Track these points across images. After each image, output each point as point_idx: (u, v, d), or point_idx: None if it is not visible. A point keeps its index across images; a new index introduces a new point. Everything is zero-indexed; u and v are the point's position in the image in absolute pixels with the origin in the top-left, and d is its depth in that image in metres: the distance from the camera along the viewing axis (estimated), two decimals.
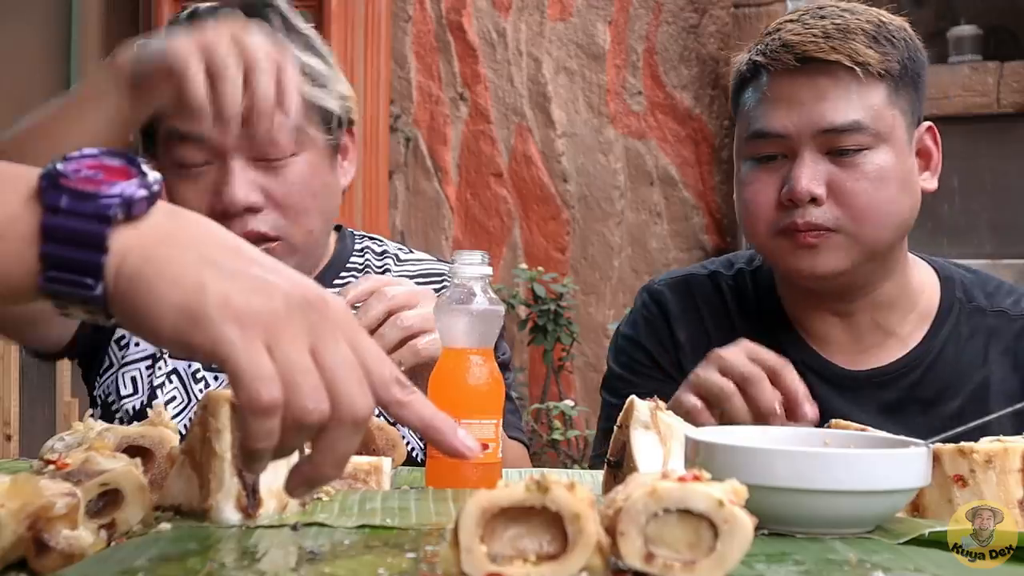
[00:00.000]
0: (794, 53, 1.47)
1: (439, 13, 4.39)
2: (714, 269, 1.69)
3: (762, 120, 1.50)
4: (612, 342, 1.73)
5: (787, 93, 1.48)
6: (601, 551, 0.76)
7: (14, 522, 0.80)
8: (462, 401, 1.18)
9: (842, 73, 1.46)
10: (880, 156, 1.47)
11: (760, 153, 1.51)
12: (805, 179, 1.45)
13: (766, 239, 1.51)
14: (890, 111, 1.48)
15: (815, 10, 1.52)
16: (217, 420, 0.96)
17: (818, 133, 1.46)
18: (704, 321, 1.64)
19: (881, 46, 1.47)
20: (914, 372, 1.55)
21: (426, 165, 4.40)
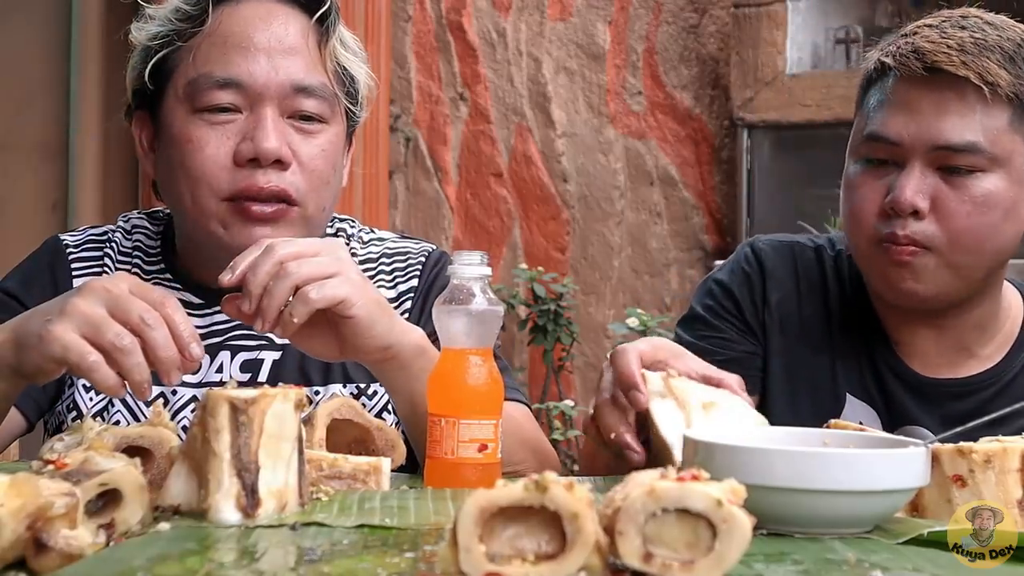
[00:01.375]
0: (923, 61, 1.42)
1: (439, 13, 4.39)
2: (820, 244, 1.66)
3: (879, 123, 1.47)
4: (700, 287, 1.69)
5: (909, 100, 1.44)
6: (600, 550, 0.76)
7: (13, 522, 0.80)
8: (461, 401, 1.18)
9: (969, 90, 1.41)
10: (991, 180, 1.43)
11: (871, 156, 1.48)
12: (910, 191, 1.42)
13: (865, 246, 1.49)
14: (1011, 136, 1.43)
15: (958, 18, 1.47)
16: (216, 420, 0.96)
17: (932, 148, 1.43)
18: (799, 289, 1.62)
19: (1016, 67, 1.42)
20: (989, 389, 1.54)
21: (426, 165, 4.40)
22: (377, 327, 1.25)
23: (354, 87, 1.56)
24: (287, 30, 1.48)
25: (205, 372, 1.51)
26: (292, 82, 1.46)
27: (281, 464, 0.98)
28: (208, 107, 1.46)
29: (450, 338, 1.21)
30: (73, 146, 3.53)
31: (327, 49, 1.51)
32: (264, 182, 1.44)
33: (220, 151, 1.45)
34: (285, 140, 1.46)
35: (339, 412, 1.24)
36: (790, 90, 3.91)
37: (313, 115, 1.48)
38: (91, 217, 3.49)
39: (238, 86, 1.45)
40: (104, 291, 1.17)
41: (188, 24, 1.48)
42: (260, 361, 1.52)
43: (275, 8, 1.50)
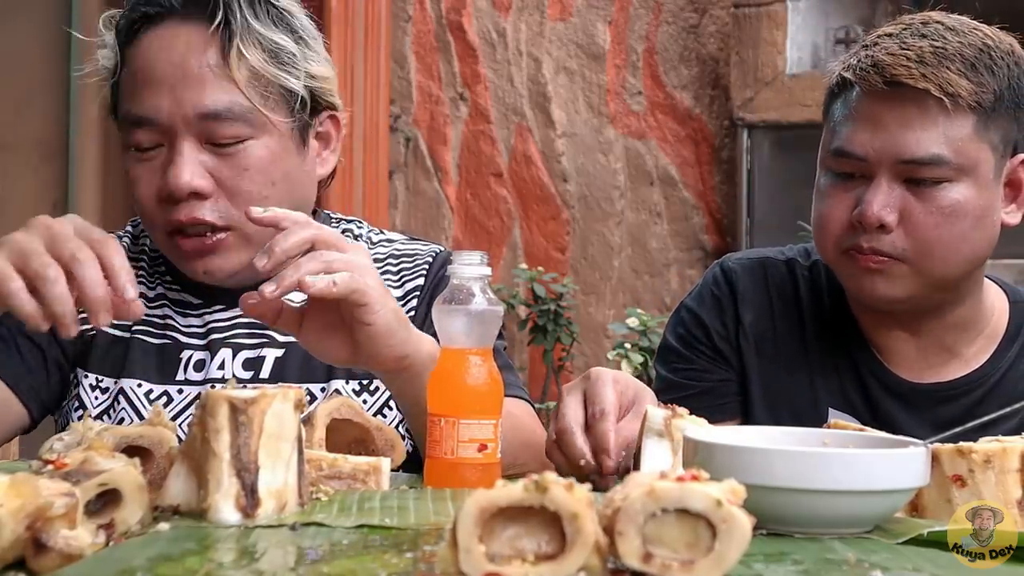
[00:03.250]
0: (883, 75, 1.42)
1: (439, 13, 4.39)
2: (791, 257, 1.65)
3: (844, 138, 1.46)
4: (674, 314, 1.69)
5: (872, 114, 1.44)
6: (599, 551, 0.76)
7: (13, 522, 0.80)
8: (461, 401, 1.18)
9: (930, 102, 1.41)
10: (958, 190, 1.43)
11: (839, 170, 1.48)
12: (877, 205, 1.42)
13: (833, 256, 1.50)
14: (976, 144, 1.43)
15: (919, 25, 1.46)
16: (215, 420, 0.96)
17: (897, 162, 1.43)
18: (773, 307, 1.61)
19: (977, 75, 1.41)
20: (977, 391, 1.54)
21: (426, 165, 4.40)
22: (395, 337, 1.24)
23: (287, 91, 1.48)
24: (186, 54, 1.44)
25: (207, 370, 1.52)
26: (196, 111, 1.42)
27: (281, 464, 0.98)
28: (135, 145, 1.47)
29: (450, 338, 1.21)
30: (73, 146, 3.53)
31: (231, 60, 1.43)
32: (185, 216, 1.44)
33: (151, 187, 1.46)
34: (202, 171, 1.43)
35: (339, 412, 1.24)
36: (790, 90, 3.91)
37: (228, 139, 1.44)
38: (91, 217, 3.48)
39: (149, 122, 1.45)
40: (45, 227, 1.17)
41: (112, 63, 1.50)
42: (262, 359, 1.52)
43: (174, 32, 1.45)
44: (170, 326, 1.55)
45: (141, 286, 1.58)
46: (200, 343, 1.54)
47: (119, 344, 1.54)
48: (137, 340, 1.54)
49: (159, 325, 1.55)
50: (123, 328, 1.54)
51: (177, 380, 1.52)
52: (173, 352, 1.54)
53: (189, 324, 1.55)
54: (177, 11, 1.46)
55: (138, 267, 1.59)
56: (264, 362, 1.52)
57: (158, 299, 1.57)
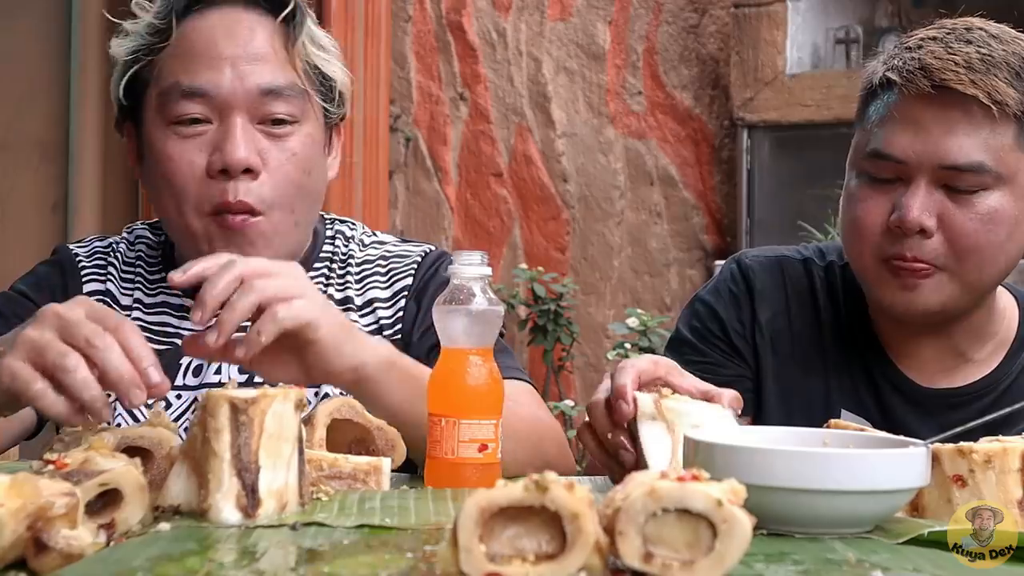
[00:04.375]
0: (931, 79, 1.40)
1: (439, 13, 4.39)
2: (807, 256, 1.63)
3: (884, 141, 1.44)
4: (687, 306, 1.67)
5: (915, 117, 1.42)
6: (600, 551, 0.76)
7: (14, 522, 0.80)
8: (462, 401, 1.18)
9: (975, 108, 1.39)
10: (996, 198, 1.42)
11: (876, 173, 1.46)
12: (917, 210, 1.40)
13: (869, 263, 1.47)
14: (1017, 154, 1.42)
15: (962, 31, 1.45)
16: (216, 420, 0.96)
17: (939, 167, 1.41)
18: (789, 306, 1.60)
19: (1023, 83, 1.40)
20: (988, 396, 1.53)
21: (426, 165, 4.40)
22: (344, 348, 1.23)
23: (327, 84, 1.54)
24: (252, 37, 1.48)
25: (204, 373, 1.52)
26: (259, 87, 1.46)
27: (281, 464, 0.98)
28: (178, 119, 1.46)
29: (450, 338, 1.21)
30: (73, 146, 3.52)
31: (295, 48, 1.49)
32: (233, 196, 1.43)
33: (195, 165, 1.45)
34: (255, 148, 1.45)
35: (339, 412, 1.24)
36: (790, 90, 3.92)
37: (284, 117, 1.47)
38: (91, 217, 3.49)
39: (204, 95, 1.45)
40: (55, 316, 1.14)
41: (157, 38, 1.49)
42: None
43: (239, 16, 1.49)
44: (171, 333, 1.55)
45: (138, 291, 1.58)
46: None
47: None
48: None
49: (160, 332, 1.55)
50: None
51: (175, 385, 1.52)
52: (173, 358, 1.53)
53: (189, 329, 1.54)
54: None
55: (134, 274, 1.59)
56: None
57: (158, 306, 1.57)
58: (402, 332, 1.55)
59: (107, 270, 1.58)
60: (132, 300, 1.57)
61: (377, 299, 1.57)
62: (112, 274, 1.58)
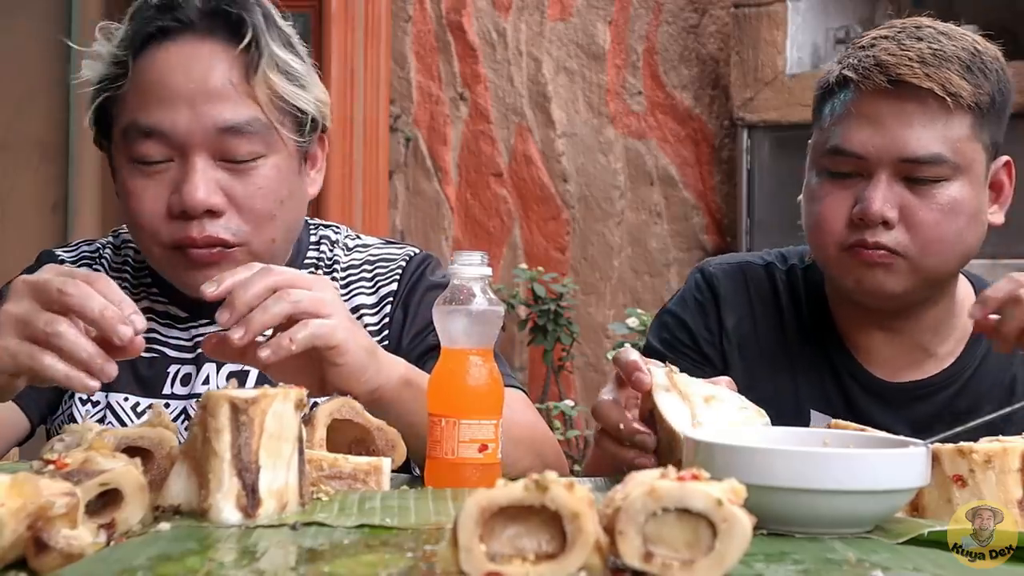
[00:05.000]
0: (887, 74, 1.44)
1: (439, 13, 4.39)
2: (770, 261, 1.67)
3: (843, 137, 1.48)
4: (655, 319, 1.71)
5: (873, 112, 1.46)
6: (600, 550, 0.76)
7: (14, 521, 0.80)
8: (462, 401, 1.18)
9: (931, 101, 1.44)
10: (955, 188, 1.46)
11: (836, 169, 1.50)
12: (879, 202, 1.44)
13: (833, 252, 1.50)
14: (972, 144, 1.46)
15: (912, 29, 1.49)
16: (216, 420, 0.96)
17: (898, 160, 1.45)
18: (754, 311, 1.63)
19: (974, 77, 1.45)
20: (951, 387, 1.56)
21: (426, 165, 4.40)
22: (365, 374, 1.24)
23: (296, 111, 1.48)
24: (208, 72, 1.43)
25: (192, 384, 1.51)
26: (216, 125, 1.41)
27: (281, 464, 0.98)
28: (140, 159, 1.44)
29: (450, 338, 1.21)
30: (73, 146, 3.53)
31: (255, 80, 1.44)
32: (198, 233, 1.41)
33: (157, 203, 1.43)
34: (216, 187, 1.42)
35: (339, 412, 1.24)
36: (790, 90, 3.91)
37: (245, 156, 1.43)
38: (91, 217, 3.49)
39: (162, 135, 1.42)
40: (26, 285, 1.15)
41: (119, 70, 1.46)
42: (246, 372, 1.51)
43: (196, 49, 1.44)
44: (157, 340, 1.54)
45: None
46: (187, 357, 1.53)
47: None
48: None
49: (146, 340, 1.54)
50: None
51: (163, 394, 1.52)
52: (160, 366, 1.53)
53: (176, 337, 1.54)
54: (197, 27, 1.44)
55: (121, 279, 1.57)
56: (248, 375, 1.51)
57: (143, 312, 1.56)
58: (389, 338, 1.54)
59: None
60: None
61: (363, 306, 1.56)
62: None
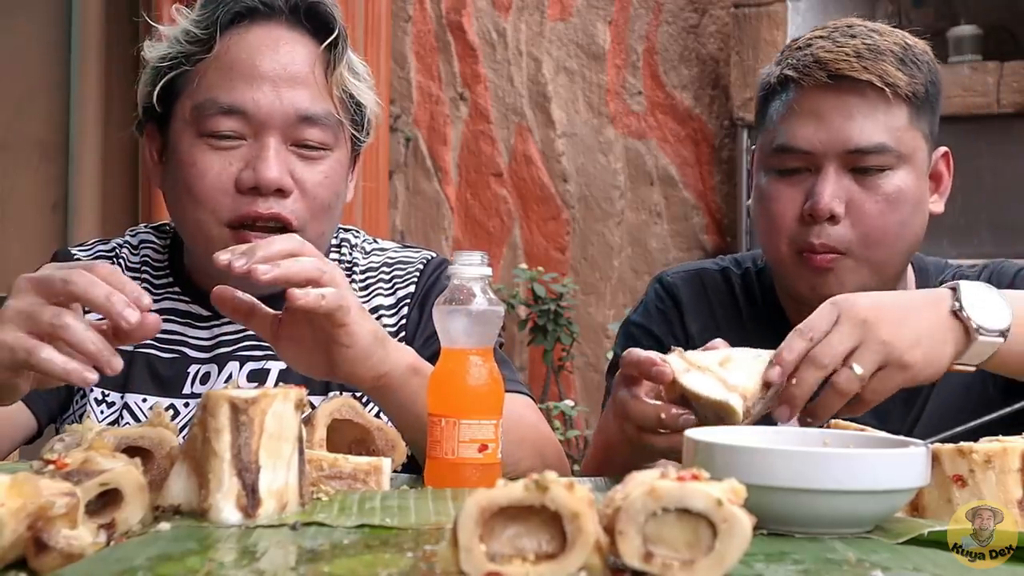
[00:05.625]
0: (827, 70, 1.49)
1: (439, 13, 4.39)
2: (725, 266, 1.71)
3: (789, 134, 1.52)
4: (620, 330, 1.73)
5: (815, 108, 1.50)
6: (600, 550, 0.76)
7: (14, 521, 0.80)
8: (462, 401, 1.18)
9: (871, 93, 1.49)
10: (900, 177, 1.50)
11: (783, 166, 1.53)
12: (828, 196, 1.48)
13: (786, 254, 1.53)
14: (912, 133, 1.51)
15: (845, 28, 1.55)
16: (216, 420, 0.96)
17: (844, 152, 1.49)
18: (716, 316, 1.66)
19: (908, 68, 1.50)
20: None
21: (426, 165, 4.40)
22: (372, 358, 1.25)
23: (360, 113, 1.55)
24: (294, 58, 1.48)
25: (213, 383, 1.52)
26: (297, 111, 1.46)
27: (281, 464, 0.98)
28: (213, 133, 1.46)
29: (450, 338, 1.21)
30: (73, 146, 3.52)
31: (334, 76, 1.50)
32: (264, 208, 1.44)
33: (223, 177, 1.45)
34: (287, 169, 1.46)
35: (339, 412, 1.24)
36: None
37: (316, 144, 1.48)
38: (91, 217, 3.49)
39: (242, 113, 1.45)
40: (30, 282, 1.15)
41: (196, 47, 1.48)
42: (267, 371, 1.53)
43: (283, 35, 1.49)
44: (179, 340, 1.54)
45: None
46: (207, 356, 1.54)
47: (123, 358, 1.53)
48: (142, 354, 1.53)
49: (166, 340, 1.54)
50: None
51: (183, 394, 1.52)
52: (181, 366, 1.53)
53: (197, 337, 1.55)
54: (284, 15, 1.49)
55: (140, 279, 1.58)
56: (269, 374, 1.52)
57: (164, 312, 1.56)
58: (405, 340, 1.56)
59: None
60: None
61: (381, 306, 1.58)
62: None
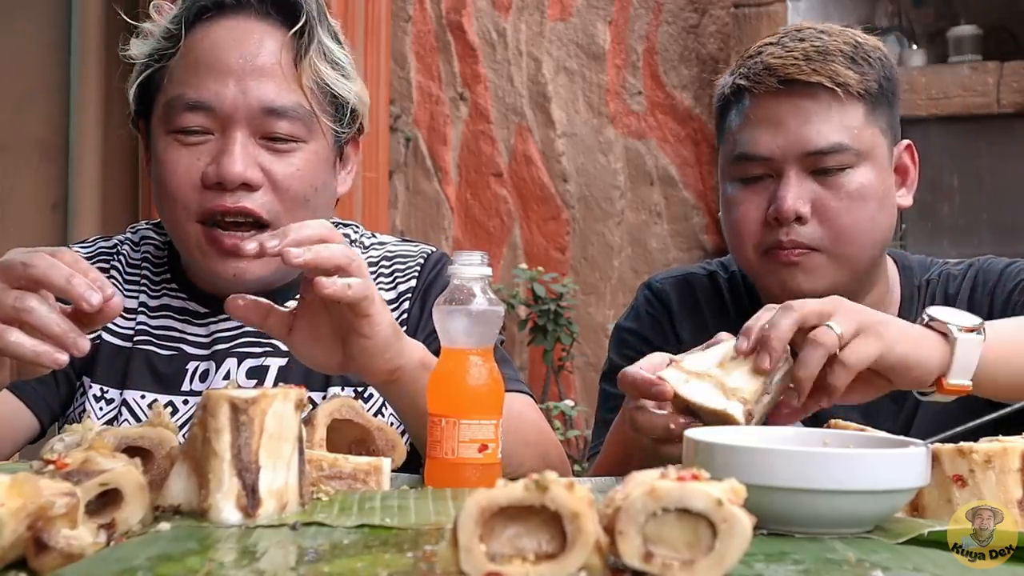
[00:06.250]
0: (776, 76, 1.51)
1: (439, 13, 4.39)
2: (712, 270, 1.73)
3: (747, 143, 1.54)
4: (612, 336, 1.75)
5: (771, 115, 1.52)
6: (600, 550, 0.76)
7: (14, 521, 0.80)
8: (462, 401, 1.18)
9: (823, 94, 1.51)
10: (862, 174, 1.52)
11: (746, 175, 1.55)
12: (791, 198, 1.50)
13: (752, 256, 1.55)
14: (870, 130, 1.53)
15: (793, 32, 1.57)
16: (216, 420, 0.96)
17: (803, 155, 1.51)
18: (706, 319, 1.67)
19: (859, 67, 1.52)
20: None
21: (426, 165, 4.40)
22: (390, 351, 1.25)
23: (337, 103, 1.52)
24: (259, 49, 1.46)
25: (212, 380, 1.52)
26: (262, 104, 1.44)
27: (281, 464, 0.98)
28: (181, 129, 1.45)
29: (450, 338, 1.21)
30: (73, 146, 3.52)
31: (303, 65, 1.47)
32: (232, 202, 1.43)
33: (191, 172, 1.45)
34: (254, 162, 1.44)
35: (339, 412, 1.24)
36: None
37: (285, 136, 1.46)
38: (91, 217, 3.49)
39: (207, 109, 1.44)
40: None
41: (169, 44, 1.48)
42: (266, 368, 1.52)
43: (249, 26, 1.47)
44: (176, 337, 1.54)
45: (143, 295, 1.58)
46: (205, 353, 1.54)
47: (121, 355, 1.54)
48: (140, 351, 1.53)
49: (164, 336, 1.54)
50: (126, 339, 1.54)
51: (182, 391, 1.52)
52: (179, 363, 1.53)
53: (195, 334, 1.55)
54: (252, 7, 1.48)
55: (140, 275, 1.58)
56: (268, 371, 1.52)
57: (161, 309, 1.56)
58: (407, 334, 1.56)
59: (110, 273, 1.57)
60: (137, 304, 1.56)
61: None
62: (115, 277, 1.57)
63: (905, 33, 4.21)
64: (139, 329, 1.55)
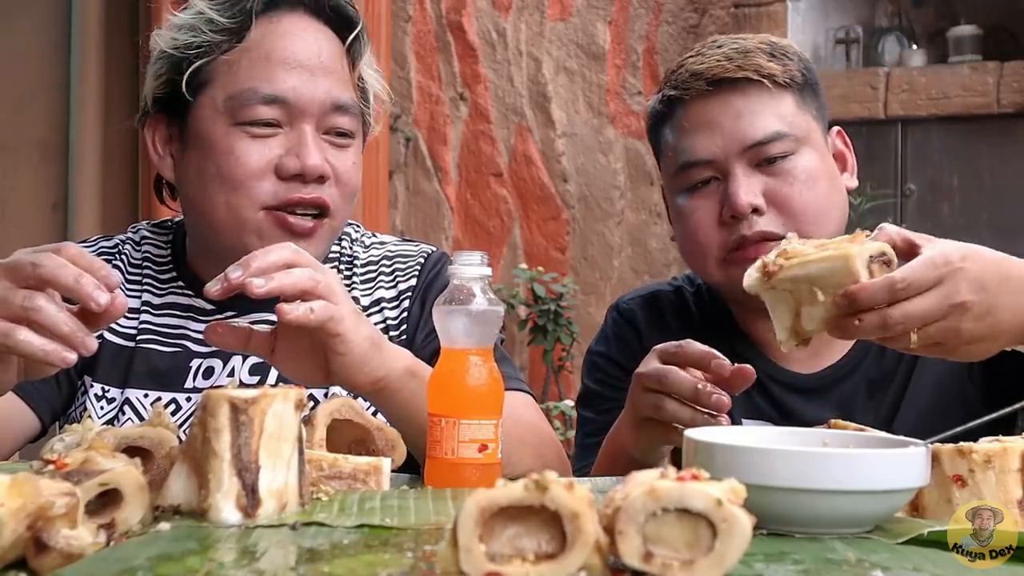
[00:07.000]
0: (704, 79, 1.54)
1: (439, 13, 4.39)
2: (679, 284, 1.73)
3: (688, 150, 1.55)
4: (585, 360, 1.75)
5: (705, 118, 1.54)
6: (599, 550, 0.76)
7: (14, 521, 0.80)
8: (462, 401, 1.18)
9: (752, 88, 1.53)
10: (805, 158, 1.53)
11: (692, 181, 1.56)
12: (743, 193, 1.50)
13: (715, 265, 1.55)
14: (803, 116, 1.55)
15: (710, 43, 1.61)
16: (216, 420, 0.96)
17: (744, 149, 1.52)
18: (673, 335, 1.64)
19: (780, 60, 1.55)
20: (868, 358, 1.58)
21: (426, 165, 4.40)
22: (369, 364, 1.25)
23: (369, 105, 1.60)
24: (322, 48, 1.52)
25: (216, 377, 1.52)
26: (331, 99, 1.50)
27: (281, 464, 0.98)
28: (252, 121, 1.48)
29: (450, 338, 1.21)
30: (73, 146, 3.52)
31: (355, 70, 1.56)
32: (308, 193, 1.48)
33: (263, 163, 1.47)
34: (324, 156, 1.49)
35: (339, 412, 1.24)
36: None
37: (346, 131, 1.52)
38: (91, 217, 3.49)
39: (282, 102, 1.48)
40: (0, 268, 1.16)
41: (224, 36, 1.49)
42: (269, 364, 1.52)
43: (311, 24, 1.53)
44: (181, 334, 1.54)
45: (147, 293, 1.58)
46: (210, 350, 1.54)
47: (123, 354, 1.54)
48: (143, 350, 1.53)
49: (169, 334, 1.54)
50: (128, 338, 1.54)
51: (185, 388, 1.52)
52: (182, 360, 1.53)
53: (199, 331, 1.55)
54: (309, 8, 1.53)
55: (142, 273, 1.59)
56: (271, 368, 1.52)
57: (166, 307, 1.56)
58: (407, 333, 1.56)
59: None
60: (140, 302, 1.57)
61: (383, 299, 1.59)
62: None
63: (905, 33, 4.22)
64: (142, 328, 1.55)
